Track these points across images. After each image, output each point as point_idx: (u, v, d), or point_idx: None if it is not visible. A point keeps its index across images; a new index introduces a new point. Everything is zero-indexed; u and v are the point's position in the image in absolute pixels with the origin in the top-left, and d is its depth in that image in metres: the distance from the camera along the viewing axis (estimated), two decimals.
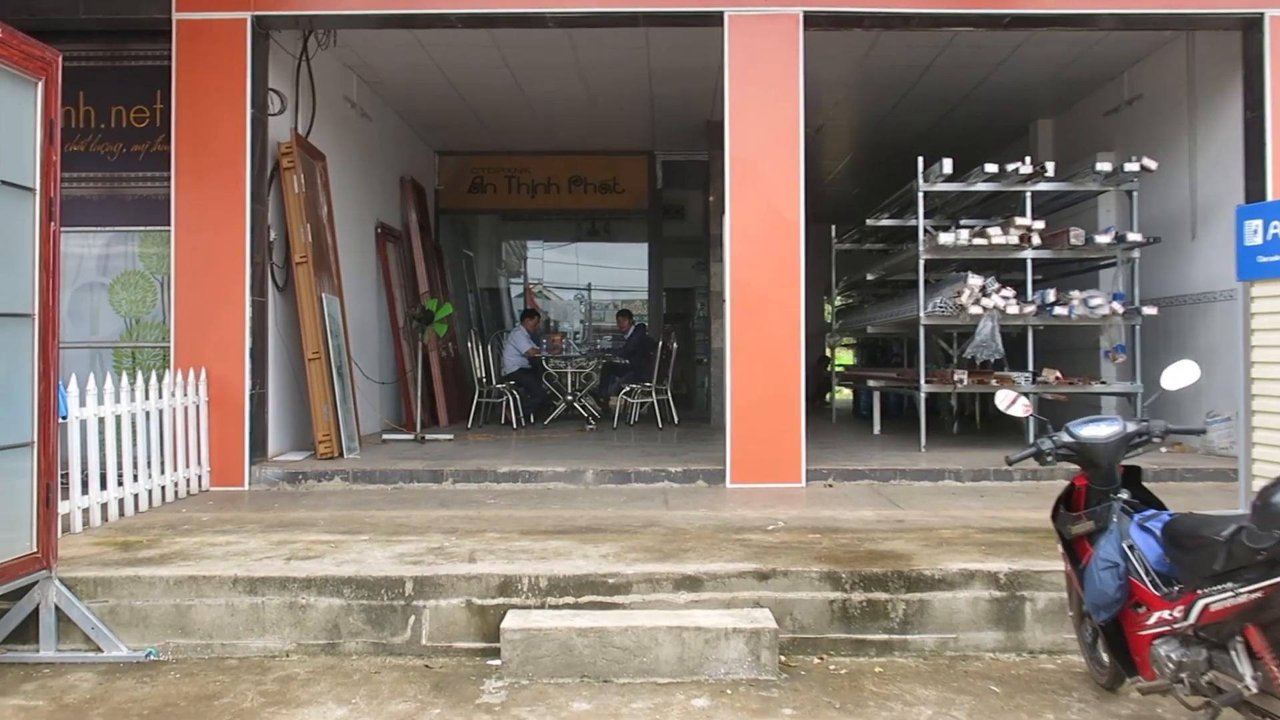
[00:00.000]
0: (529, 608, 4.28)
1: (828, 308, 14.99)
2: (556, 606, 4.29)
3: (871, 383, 9.90)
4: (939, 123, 11.35)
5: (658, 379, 10.81)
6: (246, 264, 6.93)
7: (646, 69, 9.38)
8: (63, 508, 5.23)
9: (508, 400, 10.82)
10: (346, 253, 9.05)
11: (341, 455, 7.62)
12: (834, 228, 11.79)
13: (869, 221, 10.00)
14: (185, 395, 6.65)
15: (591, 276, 18.96)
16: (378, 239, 10.31)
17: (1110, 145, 9.50)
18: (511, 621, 4.10)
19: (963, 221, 8.78)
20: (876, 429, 9.86)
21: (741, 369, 6.92)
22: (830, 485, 6.88)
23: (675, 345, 11.25)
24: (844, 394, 13.77)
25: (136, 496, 6.01)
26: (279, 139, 7.54)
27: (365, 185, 9.92)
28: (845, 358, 17.87)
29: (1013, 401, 3.86)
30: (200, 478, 6.84)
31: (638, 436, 9.71)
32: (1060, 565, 4.32)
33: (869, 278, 10.65)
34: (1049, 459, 3.56)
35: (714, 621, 4.07)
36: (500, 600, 4.30)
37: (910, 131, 11.82)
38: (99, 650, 4.22)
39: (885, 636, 4.31)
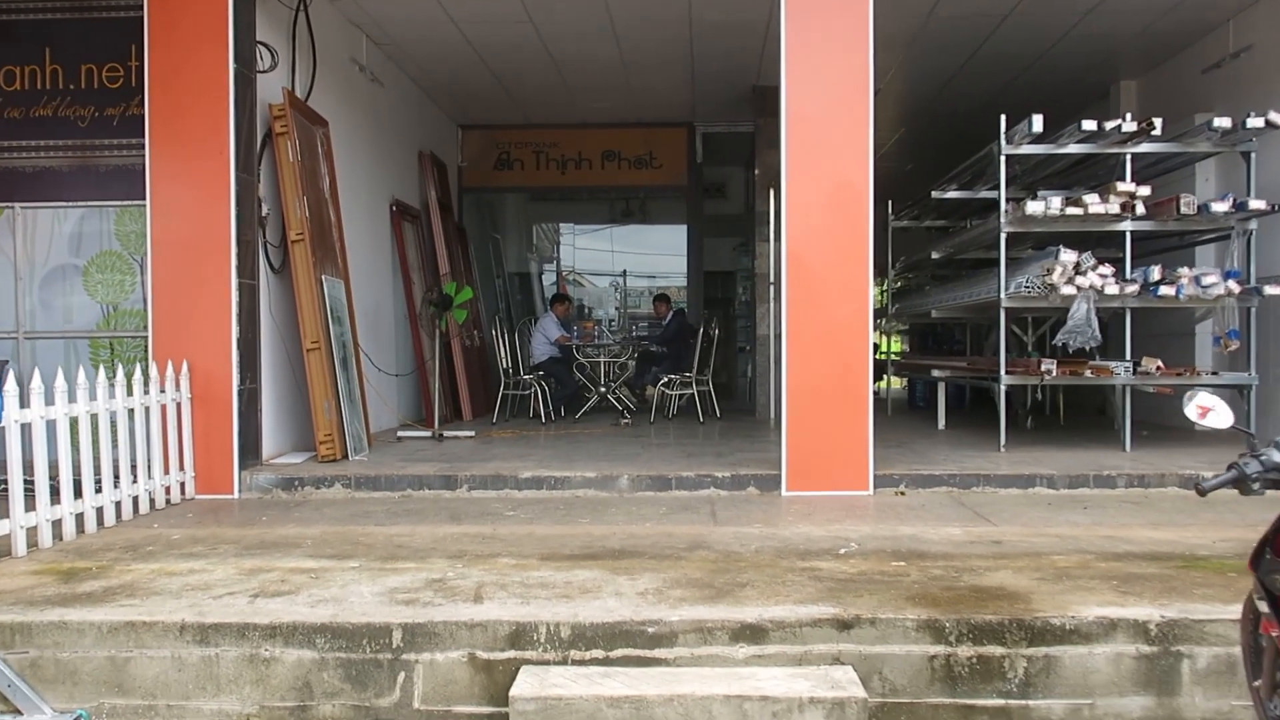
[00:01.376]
0: (547, 663, 3.39)
1: (876, 290, 13.94)
2: (581, 662, 3.39)
3: (936, 373, 8.88)
4: (1006, 89, 10.27)
5: (698, 368, 9.87)
6: (232, 242, 6.09)
7: (687, 23, 8.41)
8: (0, 528, 4.45)
9: (536, 392, 9.95)
10: (355, 231, 8.20)
11: (346, 457, 6.78)
12: (890, 204, 10.75)
13: (934, 194, 8.97)
14: (163, 391, 5.84)
15: (627, 262, 18.04)
16: (393, 217, 9.46)
17: (1210, 106, 8.40)
18: (524, 686, 3.20)
19: (1040, 193, 7.72)
20: (941, 423, 8.86)
21: (798, 359, 5.97)
22: (902, 493, 5.92)
23: (716, 332, 10.31)
24: (891, 383, 12.74)
25: (100, 510, 5.19)
26: (271, 101, 6.69)
27: (378, 158, 9.06)
28: (892, 344, 16.77)
29: (1192, 399, 2.87)
30: (183, 485, 6.04)
31: (677, 432, 8.79)
32: (1226, 613, 3.38)
33: (934, 256, 9.60)
34: (1254, 485, 2.58)
35: (784, 687, 3.16)
36: (511, 654, 3.41)
37: (973, 100, 10.77)
38: (18, 713, 3.39)
39: (1001, 702, 3.37)
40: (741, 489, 6.01)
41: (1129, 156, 6.99)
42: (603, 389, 10.23)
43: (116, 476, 5.36)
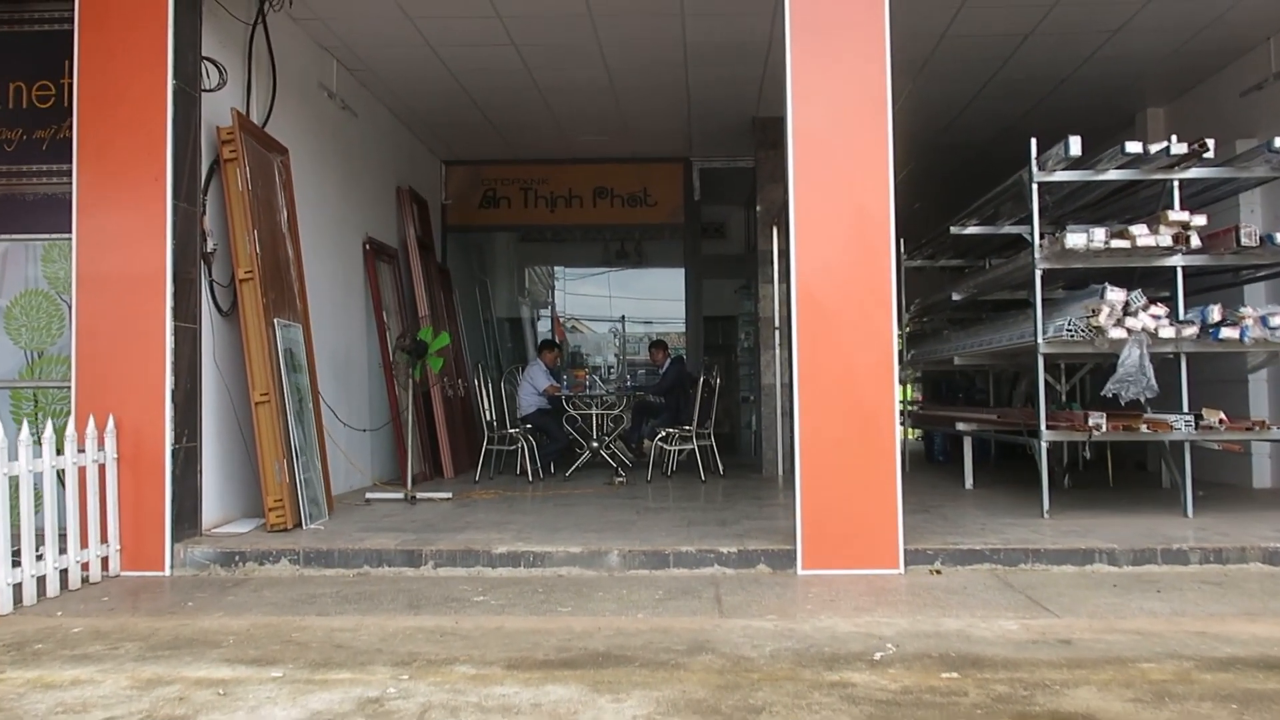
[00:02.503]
0: None
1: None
2: None
3: (962, 426, 8.08)
4: (1024, 118, 9.62)
5: (699, 421, 9.06)
6: (168, 279, 5.34)
7: (681, 46, 7.74)
8: None
9: (523, 447, 9.14)
10: (322, 271, 7.47)
11: (300, 526, 5.97)
12: (902, 242, 10.03)
13: (953, 229, 8.25)
14: (82, 451, 5.05)
15: (624, 308, 17.32)
16: (366, 257, 8.72)
17: (1250, 131, 7.73)
18: None
19: (1070, 226, 6.99)
20: (969, 482, 8.05)
21: (812, 413, 5.18)
22: (938, 572, 5.10)
23: (718, 380, 9.53)
24: (907, 434, 11.94)
25: None
26: (220, 124, 5.98)
27: (349, 193, 8.34)
28: (907, 392, 15.98)
29: None
30: (106, 560, 5.23)
31: (676, 493, 7.97)
32: None
33: (954, 298, 8.84)
34: None
35: None
36: None
37: (987, 131, 10.14)
38: None
39: None
40: (750, 566, 5.18)
41: (1176, 183, 6.27)
42: (595, 444, 9.43)
43: (16, 553, 4.56)
